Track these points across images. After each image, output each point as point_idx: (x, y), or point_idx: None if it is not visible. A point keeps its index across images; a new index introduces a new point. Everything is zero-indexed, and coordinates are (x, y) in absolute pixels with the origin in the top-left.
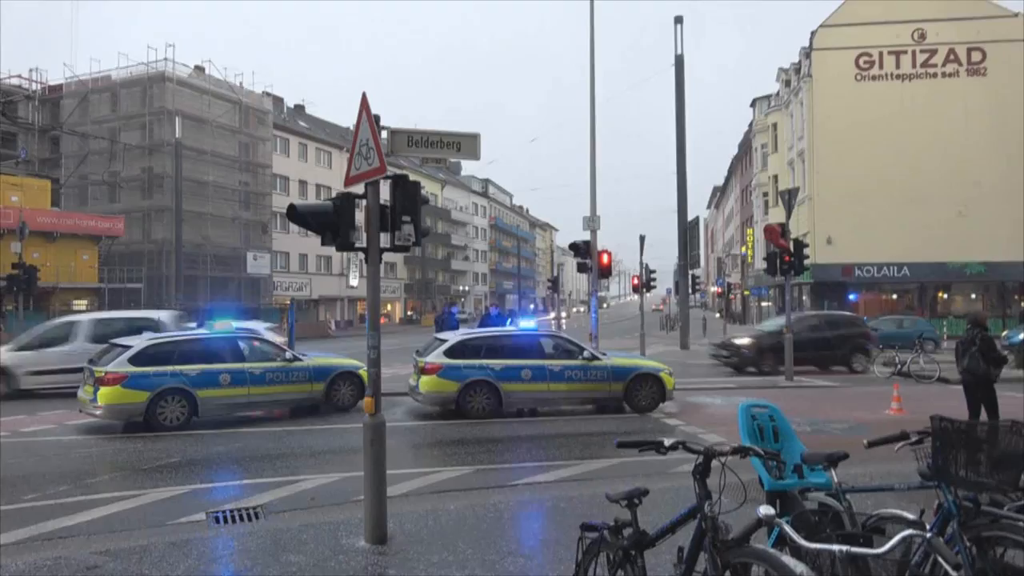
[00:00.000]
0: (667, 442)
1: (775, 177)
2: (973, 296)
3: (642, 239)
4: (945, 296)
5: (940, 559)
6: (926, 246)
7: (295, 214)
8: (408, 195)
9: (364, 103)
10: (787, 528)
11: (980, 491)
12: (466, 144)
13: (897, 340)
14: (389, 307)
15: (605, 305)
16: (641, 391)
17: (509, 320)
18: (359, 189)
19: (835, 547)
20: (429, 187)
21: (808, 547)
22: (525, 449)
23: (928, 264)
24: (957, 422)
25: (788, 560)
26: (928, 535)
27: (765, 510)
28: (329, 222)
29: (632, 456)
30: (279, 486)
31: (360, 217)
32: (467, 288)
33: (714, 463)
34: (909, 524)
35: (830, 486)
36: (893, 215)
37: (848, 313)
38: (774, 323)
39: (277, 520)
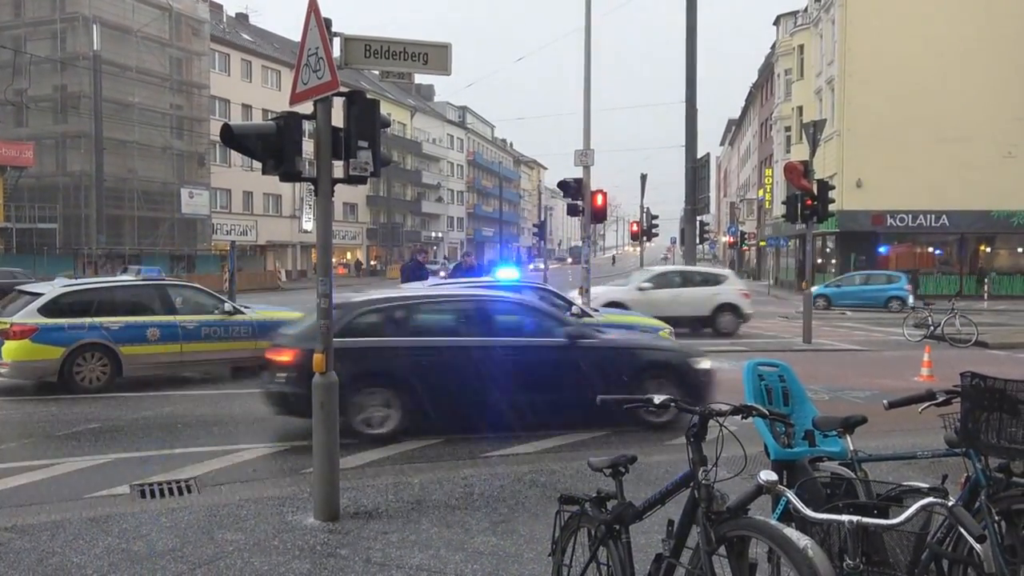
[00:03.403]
0: (657, 399)
1: (800, 109)
2: (1020, 250)
3: (643, 178)
4: (988, 250)
5: (963, 531)
6: (969, 192)
7: (230, 136)
8: (365, 115)
9: (313, 4)
10: (792, 497)
11: (1013, 459)
12: (434, 56)
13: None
14: (349, 255)
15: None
16: None
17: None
18: (308, 108)
19: (844, 517)
20: (397, 115)
21: (814, 518)
22: (501, 417)
23: (970, 212)
24: (991, 380)
25: (791, 532)
26: (949, 504)
27: (766, 475)
28: (271, 146)
29: (624, 427)
30: (215, 456)
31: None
32: (441, 235)
33: (713, 426)
34: (930, 494)
35: (845, 455)
36: (932, 156)
37: None
38: None
39: (213, 494)
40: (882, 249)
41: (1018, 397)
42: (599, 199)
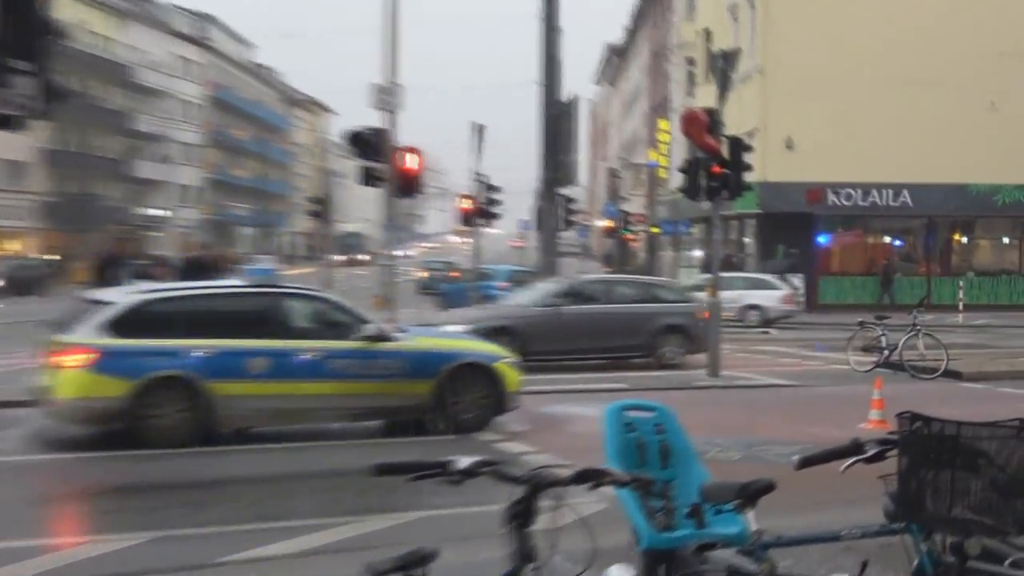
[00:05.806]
0: (462, 463)
1: (707, 33)
2: (1008, 240)
3: (480, 131)
4: (964, 240)
5: None
6: (939, 159)
7: None
8: (23, 20)
9: None
10: None
11: (969, 535)
12: None
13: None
14: (7, 246)
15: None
16: (463, 394)
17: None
18: None
19: None
20: (92, 20)
21: None
22: (248, 500)
23: (941, 187)
24: (937, 423)
25: None
26: None
27: (618, 573)
28: None
29: (440, 508)
30: None
31: None
32: (164, 214)
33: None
34: None
35: (745, 538)
36: (890, 108)
37: None
38: None
39: None
40: (821, 239)
41: (976, 447)
42: (409, 160)
